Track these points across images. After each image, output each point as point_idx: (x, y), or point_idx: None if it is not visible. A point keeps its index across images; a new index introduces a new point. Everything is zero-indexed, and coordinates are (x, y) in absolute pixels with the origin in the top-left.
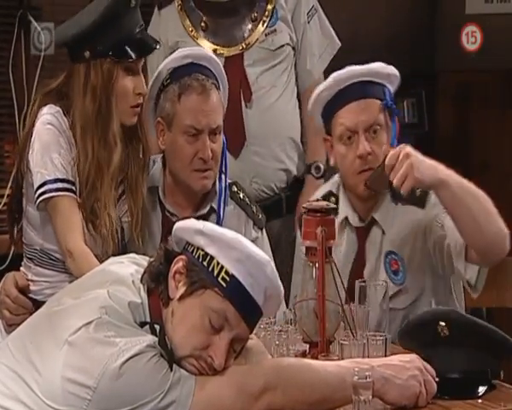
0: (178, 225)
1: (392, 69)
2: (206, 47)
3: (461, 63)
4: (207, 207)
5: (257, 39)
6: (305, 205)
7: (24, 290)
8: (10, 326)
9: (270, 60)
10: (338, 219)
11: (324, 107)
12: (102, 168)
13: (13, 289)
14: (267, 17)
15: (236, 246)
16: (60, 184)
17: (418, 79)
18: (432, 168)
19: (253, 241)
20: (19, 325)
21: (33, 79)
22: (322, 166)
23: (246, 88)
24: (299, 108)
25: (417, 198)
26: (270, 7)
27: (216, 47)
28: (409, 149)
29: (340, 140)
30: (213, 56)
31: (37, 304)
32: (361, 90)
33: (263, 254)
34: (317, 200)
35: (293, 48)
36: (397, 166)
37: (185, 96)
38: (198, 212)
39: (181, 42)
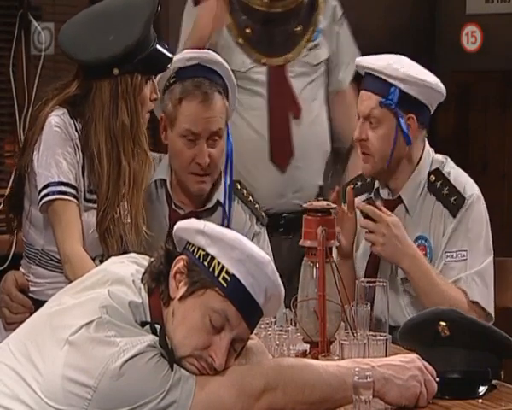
0: (179, 225)
1: (407, 74)
2: (249, 54)
3: (461, 63)
4: (214, 201)
5: (300, 53)
6: (305, 205)
7: (24, 289)
8: (10, 325)
9: (312, 74)
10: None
11: None
12: (137, 180)
13: (13, 288)
14: (311, 33)
15: (237, 246)
16: (63, 188)
17: None
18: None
19: (255, 235)
20: (19, 324)
21: (34, 79)
22: None
23: (294, 103)
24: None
25: (451, 205)
26: (314, 22)
27: (259, 55)
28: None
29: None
30: (222, 61)
31: (38, 303)
32: (368, 82)
33: (263, 254)
34: (318, 199)
35: (327, 59)
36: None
37: (186, 102)
38: (205, 206)
39: (221, 45)
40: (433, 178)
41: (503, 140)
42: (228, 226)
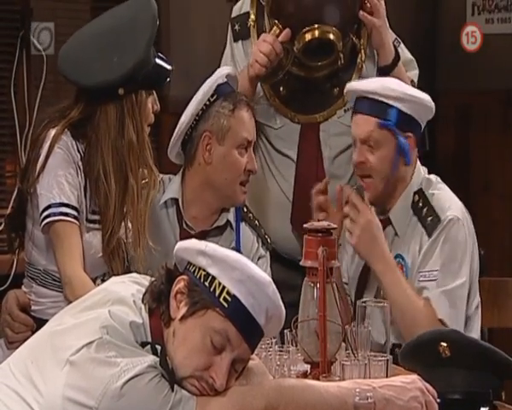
0: (180, 245)
1: (404, 93)
2: (282, 112)
3: (461, 84)
4: (224, 220)
5: (336, 113)
6: (306, 225)
7: (25, 308)
8: (12, 344)
9: (346, 136)
10: None
11: None
12: (143, 196)
13: (14, 307)
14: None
15: (238, 266)
16: (64, 209)
17: None
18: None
19: (260, 257)
20: (20, 343)
21: (35, 100)
22: None
23: (322, 175)
24: None
25: (427, 225)
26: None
27: (293, 113)
28: None
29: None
30: (237, 76)
31: (40, 322)
32: (363, 105)
33: (264, 275)
34: (318, 220)
35: None
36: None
37: (238, 110)
38: (215, 224)
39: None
40: (417, 198)
41: (503, 161)
42: (238, 246)
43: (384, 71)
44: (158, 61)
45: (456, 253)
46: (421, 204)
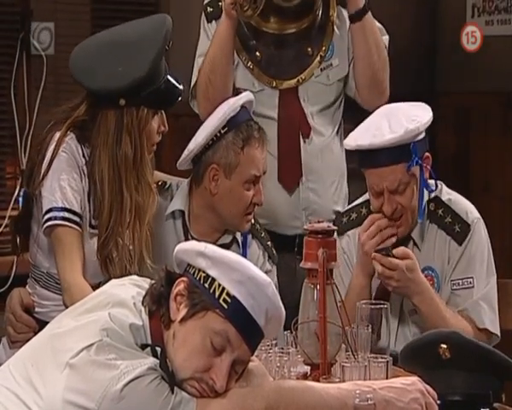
0: (180, 247)
1: (422, 125)
2: (259, 78)
3: (461, 85)
4: (230, 238)
5: (312, 74)
6: (306, 226)
7: (29, 309)
8: (14, 343)
9: (325, 95)
10: None
11: (356, 153)
12: (140, 212)
13: (18, 307)
14: (324, 52)
15: (238, 267)
16: (66, 214)
17: (418, 101)
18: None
19: (266, 272)
20: (23, 342)
21: (35, 102)
22: None
23: (304, 124)
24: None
25: (456, 233)
26: (326, 42)
27: (270, 79)
28: None
29: (369, 190)
30: (253, 99)
31: (42, 324)
32: (384, 157)
33: (264, 276)
34: (319, 221)
35: (346, 77)
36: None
37: (249, 148)
38: (220, 241)
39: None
40: (433, 206)
41: (504, 162)
42: None
43: (355, 17)
44: (169, 78)
45: (483, 253)
46: (441, 212)
